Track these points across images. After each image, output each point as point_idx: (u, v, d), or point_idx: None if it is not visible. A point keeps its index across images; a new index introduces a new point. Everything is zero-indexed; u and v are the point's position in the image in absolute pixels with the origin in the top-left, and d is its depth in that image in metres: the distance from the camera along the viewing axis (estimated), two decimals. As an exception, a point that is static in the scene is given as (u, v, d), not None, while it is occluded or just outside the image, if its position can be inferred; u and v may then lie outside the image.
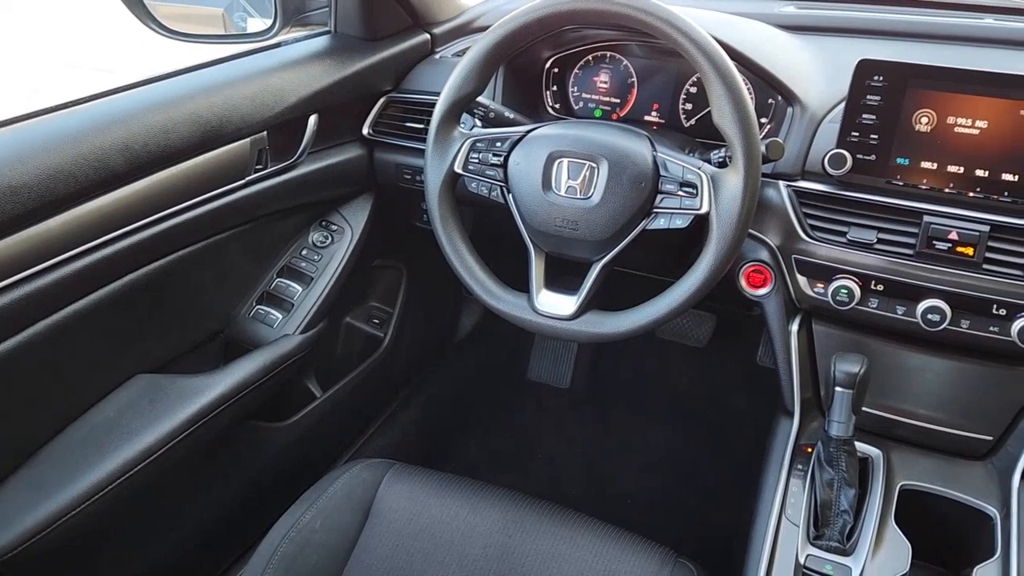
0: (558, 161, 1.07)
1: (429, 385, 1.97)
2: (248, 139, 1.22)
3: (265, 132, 1.24)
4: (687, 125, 1.33)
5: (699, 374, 2.09)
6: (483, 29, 1.20)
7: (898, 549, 1.03)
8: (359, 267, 1.52)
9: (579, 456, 1.99)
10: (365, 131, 1.45)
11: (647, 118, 1.36)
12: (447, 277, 1.18)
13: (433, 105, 1.12)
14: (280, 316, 1.41)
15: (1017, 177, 1.01)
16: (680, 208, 1.02)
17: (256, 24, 1.44)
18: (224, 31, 1.49)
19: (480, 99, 1.16)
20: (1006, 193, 1.02)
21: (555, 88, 1.41)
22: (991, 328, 1.05)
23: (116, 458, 1.10)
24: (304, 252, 1.46)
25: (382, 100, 1.44)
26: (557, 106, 1.41)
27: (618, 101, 1.37)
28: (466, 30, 1.56)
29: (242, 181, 1.24)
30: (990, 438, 1.15)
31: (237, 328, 1.39)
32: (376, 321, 1.73)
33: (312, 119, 1.32)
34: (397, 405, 1.88)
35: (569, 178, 1.06)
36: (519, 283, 1.13)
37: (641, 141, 1.07)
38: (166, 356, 1.28)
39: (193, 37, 1.39)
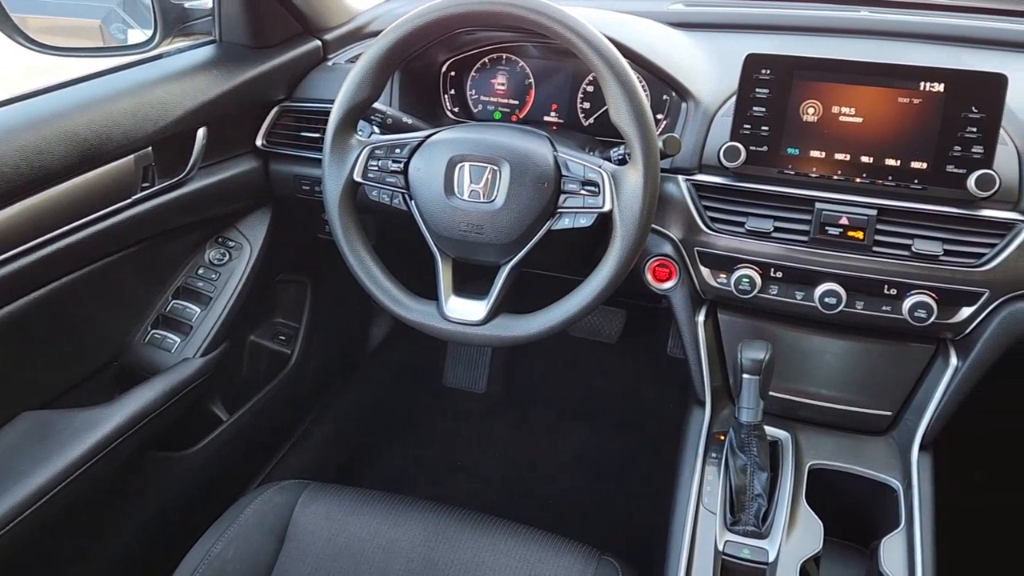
0: (459, 165, 1.06)
1: (342, 399, 1.92)
2: (132, 156, 1.16)
3: (150, 148, 1.18)
4: (586, 124, 1.34)
5: (613, 370, 2.11)
6: (376, 34, 1.18)
7: (811, 528, 1.06)
8: (261, 283, 1.47)
9: (500, 460, 1.98)
10: (259, 142, 1.40)
11: (546, 119, 1.36)
12: (354, 288, 1.16)
13: (328, 113, 1.09)
14: (178, 339, 1.34)
15: (899, 162, 1.06)
16: (583, 207, 1.03)
17: (136, 35, 1.38)
18: (102, 43, 1.42)
19: (377, 105, 1.13)
20: (890, 178, 1.06)
21: (453, 92, 1.40)
22: (884, 308, 1.09)
23: (3, 503, 1.02)
24: (200, 271, 1.40)
25: (275, 110, 1.40)
26: (456, 110, 1.40)
27: (517, 103, 1.37)
28: (358, 35, 1.53)
29: (128, 201, 1.17)
30: (889, 413, 1.20)
31: (132, 355, 1.32)
32: (282, 338, 1.68)
33: (201, 132, 1.26)
34: (310, 422, 1.83)
35: (472, 182, 1.05)
36: (428, 291, 1.11)
37: (541, 142, 1.07)
38: (55, 390, 1.20)
39: (68, 51, 1.31)
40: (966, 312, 1.07)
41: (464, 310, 1.07)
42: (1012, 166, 1.05)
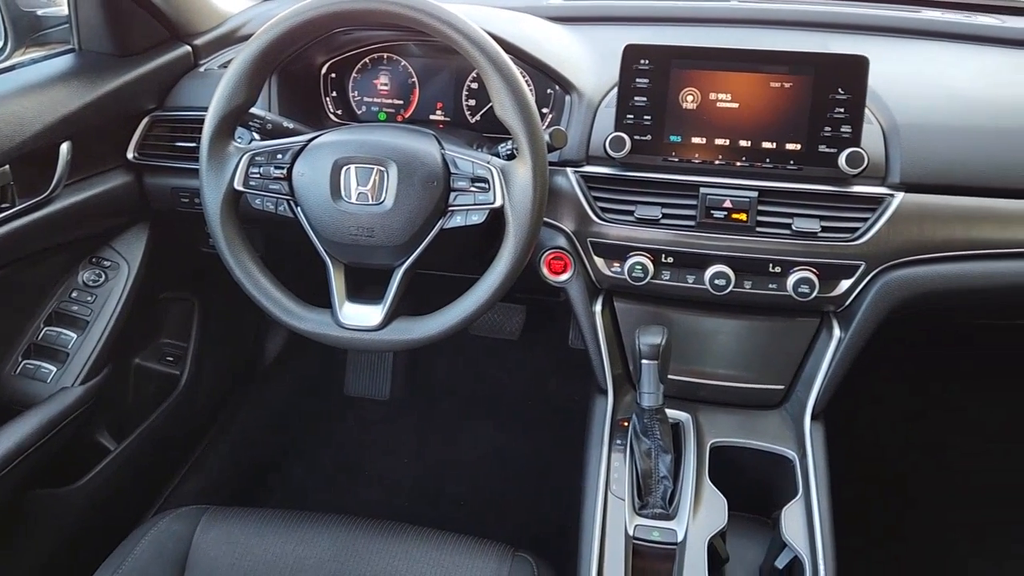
0: (345, 168, 1.03)
1: (240, 418, 1.85)
2: (-13, 175, 1.08)
3: (7, 166, 1.10)
4: (473, 121, 1.33)
5: (516, 366, 2.12)
6: (248, 37, 1.13)
7: (715, 505, 1.09)
8: (143, 303, 1.39)
9: (408, 467, 1.96)
10: (130, 155, 1.33)
11: (432, 117, 1.35)
12: (244, 302, 1.11)
13: (202, 121, 1.04)
14: (54, 368, 1.26)
15: (775, 144, 1.10)
16: (474, 204, 1.02)
17: (-17, 47, 1.28)
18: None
19: (254, 110, 1.09)
20: (767, 160, 1.10)
21: (335, 94, 1.36)
22: (770, 286, 1.13)
23: None
24: (74, 294, 1.32)
25: (145, 120, 1.33)
26: (339, 112, 1.37)
27: (401, 103, 1.35)
28: (231, 39, 1.47)
29: (-16, 223, 1.09)
30: (781, 387, 1.25)
31: (2, 388, 1.23)
32: (170, 359, 1.60)
33: (64, 147, 1.18)
34: (206, 445, 1.75)
35: (359, 184, 1.03)
36: (322, 299, 1.08)
37: (428, 140, 1.05)
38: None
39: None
40: (845, 285, 1.12)
41: (360, 316, 1.05)
42: (878, 143, 1.11)
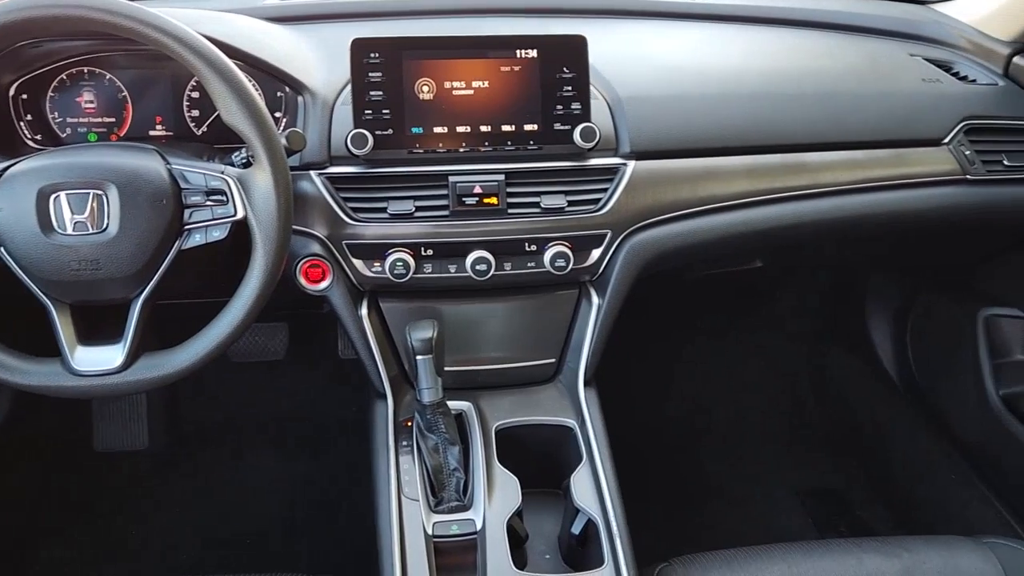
0: (54, 196, 0.92)
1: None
2: None
3: None
4: (200, 133, 1.24)
5: (288, 387, 2.01)
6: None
7: (508, 486, 1.10)
8: None
9: (184, 517, 1.79)
10: None
11: (153, 133, 1.23)
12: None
13: None
14: None
15: (514, 127, 1.13)
16: (214, 219, 0.96)
17: None
18: None
19: None
20: (509, 143, 1.13)
21: (30, 117, 1.19)
22: (529, 264, 1.16)
23: None
24: None
25: None
26: (39, 137, 1.20)
27: (113, 120, 1.22)
28: None
29: None
30: (553, 360, 1.29)
31: None
32: None
33: None
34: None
35: (74, 213, 0.92)
36: (49, 347, 0.95)
37: (150, 156, 0.96)
38: None
39: None
40: (596, 254, 1.17)
41: (97, 359, 0.94)
42: (606, 117, 1.18)
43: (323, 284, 1.15)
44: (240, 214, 0.94)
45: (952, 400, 1.75)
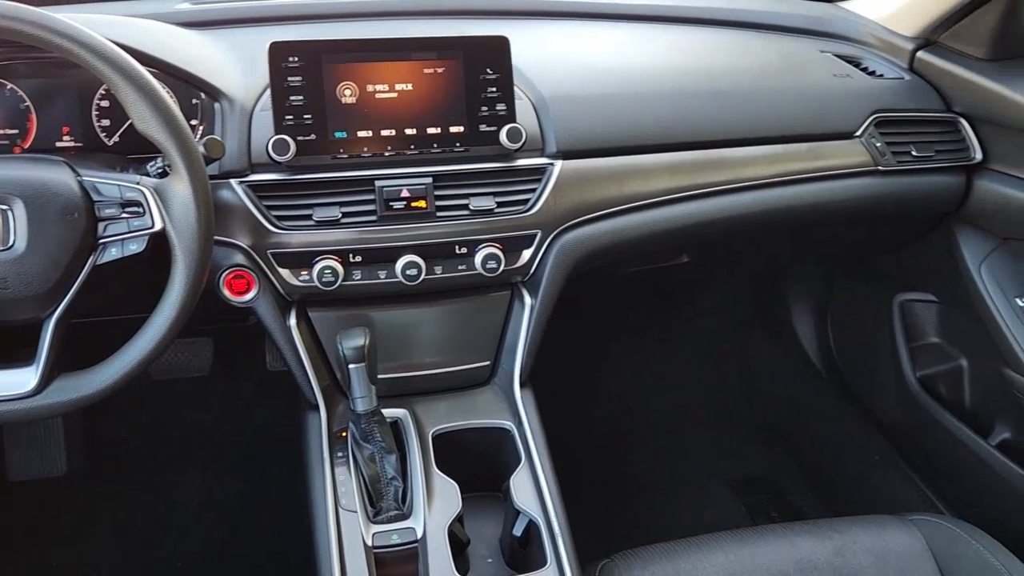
0: (-47, 213, 0.86)
1: None
2: None
3: None
4: (112, 143, 1.19)
5: (215, 403, 1.95)
6: None
7: (448, 492, 1.09)
8: None
9: (109, 544, 1.72)
10: None
11: (61, 144, 1.17)
12: None
13: None
14: None
15: (440, 129, 1.12)
16: (130, 232, 0.92)
17: None
18: None
19: None
20: (435, 145, 1.12)
21: (-78, 131, 1.13)
22: (460, 267, 1.15)
23: None
24: None
25: None
26: (-67, 152, 1.14)
27: (16, 132, 1.16)
28: None
29: None
30: (488, 363, 1.28)
31: None
32: None
33: None
34: None
35: (-24, 230, 0.87)
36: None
37: (58, 168, 0.92)
38: None
39: None
40: (527, 254, 1.17)
41: (8, 383, 0.90)
42: (532, 118, 1.18)
43: (248, 295, 1.12)
44: (158, 226, 0.91)
45: (873, 383, 1.82)
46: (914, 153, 1.39)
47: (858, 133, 1.36)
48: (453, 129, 1.12)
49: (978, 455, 1.50)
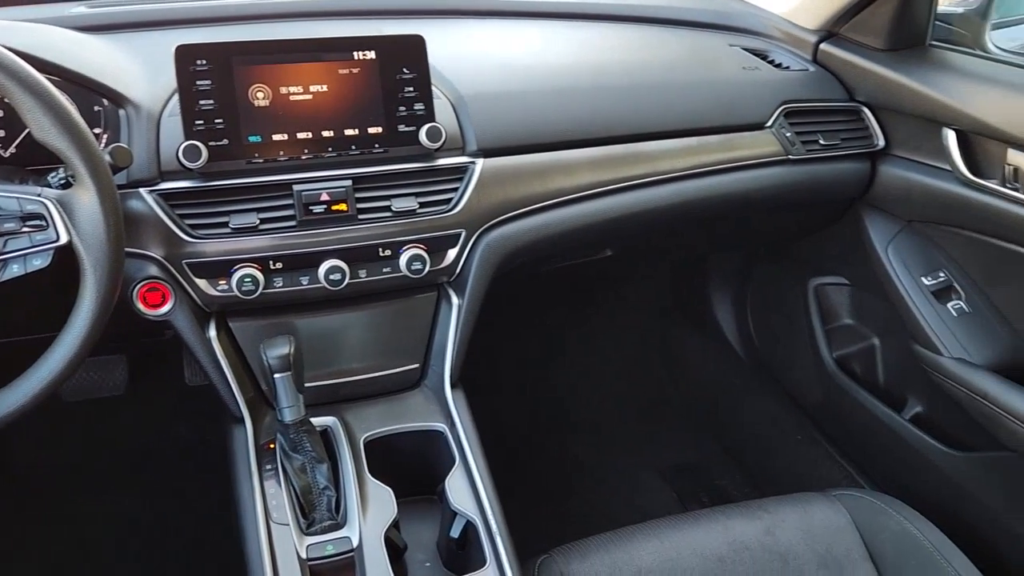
0: None
1: None
2: None
3: None
4: (8, 155, 1.12)
5: (132, 424, 1.88)
6: None
7: (383, 498, 1.07)
8: None
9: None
10: None
11: (-48, 157, 1.11)
12: None
13: None
14: None
15: (358, 131, 1.10)
16: (33, 246, 0.87)
17: None
18: None
19: None
20: (353, 147, 1.10)
21: None
22: (384, 269, 1.13)
23: None
24: None
25: None
26: None
27: (-100, 145, 1.09)
28: None
29: None
30: (417, 365, 1.27)
31: None
32: None
33: None
34: None
35: None
36: None
37: None
38: None
39: None
40: (452, 254, 1.17)
41: (-95, 412, 0.83)
42: (451, 117, 1.17)
43: (164, 308, 1.08)
44: (64, 239, 0.86)
45: (792, 366, 1.88)
46: (821, 142, 1.44)
47: (769, 124, 1.41)
48: (371, 130, 1.10)
49: (893, 429, 1.57)
